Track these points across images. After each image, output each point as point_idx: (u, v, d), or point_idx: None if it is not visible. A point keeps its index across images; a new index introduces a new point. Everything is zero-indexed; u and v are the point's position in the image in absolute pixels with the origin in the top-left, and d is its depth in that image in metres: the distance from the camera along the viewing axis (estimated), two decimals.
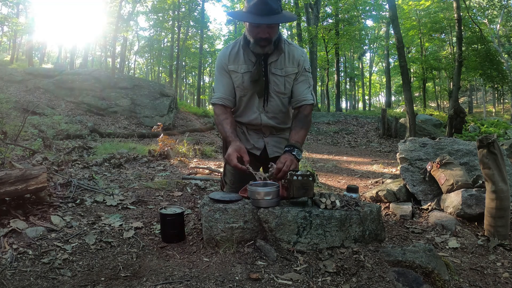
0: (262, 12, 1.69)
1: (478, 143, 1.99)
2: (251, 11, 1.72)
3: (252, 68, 1.90)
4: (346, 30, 21.03)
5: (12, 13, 19.69)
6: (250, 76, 1.91)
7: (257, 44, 1.80)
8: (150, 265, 1.56)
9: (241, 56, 1.93)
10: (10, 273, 1.45)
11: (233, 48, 1.97)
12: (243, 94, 1.98)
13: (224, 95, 1.98)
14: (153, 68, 35.64)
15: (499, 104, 26.77)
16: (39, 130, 7.72)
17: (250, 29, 1.81)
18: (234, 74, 1.96)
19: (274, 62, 1.91)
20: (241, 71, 1.92)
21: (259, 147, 2.09)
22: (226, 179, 2.14)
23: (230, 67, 1.95)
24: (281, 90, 1.96)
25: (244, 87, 1.95)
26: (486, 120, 14.69)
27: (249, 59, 1.91)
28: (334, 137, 11.83)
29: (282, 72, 1.92)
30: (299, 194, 1.63)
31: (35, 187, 2.13)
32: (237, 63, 1.94)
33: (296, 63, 1.94)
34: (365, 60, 36.74)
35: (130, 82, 14.06)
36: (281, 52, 1.90)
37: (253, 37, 1.80)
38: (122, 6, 17.90)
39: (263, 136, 2.10)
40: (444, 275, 1.42)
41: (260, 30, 1.76)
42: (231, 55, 1.95)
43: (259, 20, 1.71)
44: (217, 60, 2.02)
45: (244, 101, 2.01)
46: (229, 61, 1.95)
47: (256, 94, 1.95)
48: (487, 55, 15.31)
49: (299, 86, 1.97)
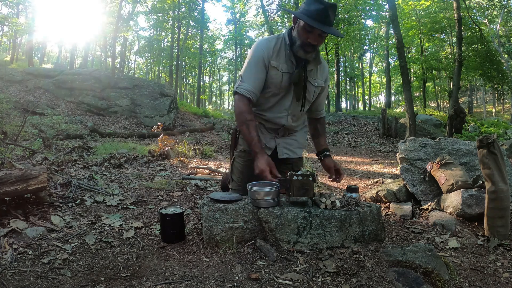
0: (321, 20, 1.72)
1: (478, 143, 1.99)
2: (311, 16, 1.73)
3: (292, 69, 1.90)
4: (346, 30, 21.00)
5: (12, 13, 19.69)
6: (290, 77, 1.90)
7: (303, 48, 1.81)
8: (150, 265, 1.56)
9: (282, 54, 1.91)
10: (10, 273, 1.45)
11: (276, 43, 1.92)
12: (277, 93, 1.95)
13: (254, 89, 1.89)
14: (153, 68, 35.63)
15: (499, 104, 26.77)
16: (39, 130, 7.72)
17: (301, 32, 1.81)
18: (274, 71, 1.90)
19: (310, 71, 1.94)
20: (282, 70, 1.90)
21: (270, 147, 2.07)
22: (234, 176, 2.12)
23: (273, 63, 1.90)
24: (310, 99, 2.03)
25: (281, 87, 1.92)
26: (486, 120, 14.70)
27: (290, 60, 1.90)
28: (334, 137, 11.83)
29: (315, 82, 1.98)
30: (299, 194, 1.63)
31: (35, 187, 2.13)
32: (279, 61, 1.90)
33: (324, 78, 2.05)
34: (365, 60, 36.74)
35: (130, 82, 14.05)
36: (318, 63, 1.95)
37: (302, 41, 1.80)
38: (122, 6, 17.88)
39: (275, 137, 2.08)
40: (444, 275, 1.42)
41: (311, 36, 1.78)
42: (275, 50, 1.91)
43: (324, 28, 1.73)
44: (258, 50, 1.92)
45: (275, 100, 1.97)
46: (273, 55, 1.90)
47: (294, 97, 1.95)
48: (487, 55, 15.30)
49: (322, 100, 2.13)
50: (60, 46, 27.90)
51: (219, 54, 37.17)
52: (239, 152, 2.12)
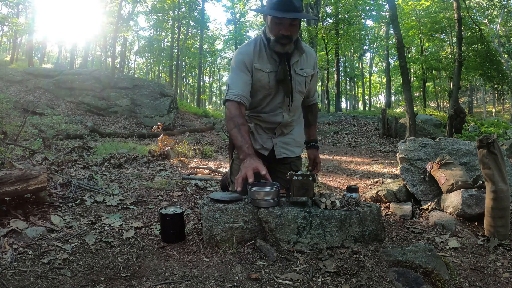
0: (285, 8, 1.71)
1: (478, 143, 1.99)
2: (274, 8, 1.73)
3: (277, 67, 1.90)
4: (346, 30, 21.02)
5: (12, 13, 19.70)
6: (276, 75, 1.90)
7: (278, 42, 1.80)
8: (150, 265, 1.56)
9: (264, 55, 1.91)
10: (10, 273, 1.45)
11: (256, 46, 1.93)
12: (268, 93, 1.96)
13: (243, 93, 1.87)
14: (153, 68, 35.63)
15: (499, 104, 26.77)
16: (39, 130, 7.72)
17: (271, 26, 1.81)
18: (260, 73, 1.91)
19: (296, 63, 1.93)
20: (267, 70, 1.90)
21: (267, 148, 2.07)
22: (232, 177, 2.12)
23: (256, 65, 1.90)
24: (303, 90, 2.01)
25: (270, 87, 1.93)
26: (486, 120, 14.70)
27: (273, 58, 1.90)
28: (334, 137, 11.83)
29: (303, 72, 1.97)
30: (299, 194, 1.63)
31: (35, 187, 2.13)
32: (262, 62, 1.91)
33: (312, 65, 2.02)
34: (365, 60, 36.74)
35: (130, 82, 14.06)
36: (302, 52, 1.93)
37: (274, 35, 1.80)
38: (122, 6, 17.88)
39: (272, 137, 2.08)
40: (444, 275, 1.42)
41: (283, 27, 1.77)
42: (255, 53, 1.91)
43: (285, 15, 1.73)
44: (238, 56, 1.93)
45: (268, 100, 1.98)
46: (254, 58, 1.90)
47: (284, 93, 1.95)
48: (487, 55, 15.30)
49: (313, 86, 2.12)
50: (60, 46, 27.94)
51: (219, 54, 37.19)
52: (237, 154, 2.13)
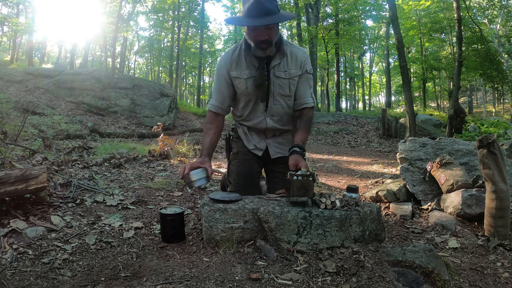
0: (258, 13, 1.66)
1: (478, 143, 1.98)
2: (247, 14, 1.69)
3: (256, 72, 1.87)
4: (346, 30, 21.01)
5: (12, 13, 19.69)
6: (254, 81, 1.88)
7: (258, 47, 1.77)
8: (150, 265, 1.56)
9: (243, 61, 1.90)
10: (10, 273, 1.45)
11: (234, 53, 1.93)
12: (249, 99, 1.97)
13: (217, 103, 1.99)
14: (153, 68, 35.63)
15: (499, 104, 26.76)
16: (39, 130, 7.72)
17: (248, 33, 1.78)
18: (237, 80, 1.93)
19: (277, 65, 1.88)
20: (244, 76, 1.90)
21: (261, 148, 2.09)
22: (230, 178, 2.15)
23: (233, 74, 1.92)
24: (286, 93, 1.94)
25: (249, 93, 1.93)
26: (486, 120, 14.70)
27: (252, 63, 1.88)
28: (334, 137, 11.83)
29: (286, 74, 1.90)
30: (299, 194, 1.63)
31: (35, 187, 2.13)
32: (240, 69, 1.90)
33: (299, 65, 1.92)
34: (365, 60, 36.74)
35: (130, 82, 14.06)
36: (283, 54, 1.87)
37: (253, 41, 1.77)
38: (122, 6, 17.88)
39: (265, 138, 2.09)
40: (444, 275, 1.42)
41: (259, 33, 1.73)
42: (233, 61, 1.92)
43: (255, 22, 1.68)
44: (218, 66, 2.01)
45: (250, 106, 2.00)
46: (231, 67, 1.92)
47: (259, 98, 1.94)
48: (487, 55, 15.30)
49: (300, 88, 1.95)
50: (60, 46, 27.96)
51: (219, 54, 37.16)
52: (233, 155, 2.17)
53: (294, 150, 1.80)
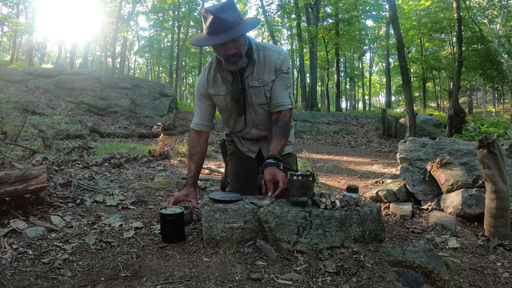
0: (220, 29, 1.60)
1: (478, 143, 1.99)
2: (210, 32, 1.64)
3: (231, 87, 1.86)
4: (346, 30, 21.01)
5: (12, 13, 19.69)
6: (231, 96, 1.88)
7: (228, 62, 1.73)
8: (150, 265, 1.56)
9: (218, 78, 1.89)
10: (10, 273, 1.45)
11: (210, 71, 1.92)
12: (230, 113, 1.98)
13: (199, 120, 2.03)
14: (153, 68, 35.64)
15: (499, 104, 26.77)
16: (39, 130, 7.72)
17: (216, 50, 1.74)
18: (216, 98, 1.94)
19: (250, 75, 1.83)
20: (222, 93, 1.90)
21: (254, 150, 2.14)
22: (228, 178, 2.18)
23: (211, 91, 1.93)
24: (263, 101, 1.89)
25: (229, 108, 1.94)
26: (486, 120, 14.69)
27: (226, 79, 1.87)
28: (334, 137, 11.83)
29: (260, 82, 1.84)
30: (299, 194, 1.63)
31: (35, 187, 2.13)
32: (216, 86, 1.90)
33: (273, 68, 1.83)
34: (365, 60, 36.77)
35: (130, 82, 14.06)
36: (254, 62, 1.81)
37: (222, 56, 1.73)
38: (122, 6, 17.89)
39: (257, 142, 2.13)
40: (444, 275, 1.42)
41: (226, 49, 1.68)
42: (209, 79, 1.92)
43: (219, 40, 1.61)
44: (196, 85, 2.04)
45: (233, 119, 2.02)
46: (208, 85, 1.92)
47: (237, 113, 1.94)
48: (487, 55, 15.31)
49: (276, 89, 1.86)
50: (60, 46, 27.99)
51: None
52: (230, 155, 2.22)
53: (268, 162, 1.68)
